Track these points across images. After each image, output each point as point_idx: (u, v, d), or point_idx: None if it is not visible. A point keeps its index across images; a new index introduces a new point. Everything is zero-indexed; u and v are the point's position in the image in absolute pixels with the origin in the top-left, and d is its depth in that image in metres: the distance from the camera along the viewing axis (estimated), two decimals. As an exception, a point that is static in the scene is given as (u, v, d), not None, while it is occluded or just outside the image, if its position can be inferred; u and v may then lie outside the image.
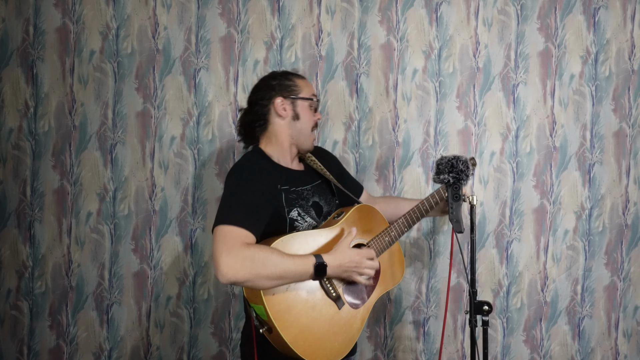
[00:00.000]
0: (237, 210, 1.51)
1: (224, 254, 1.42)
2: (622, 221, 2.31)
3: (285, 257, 1.48)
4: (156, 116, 2.30)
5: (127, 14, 2.30)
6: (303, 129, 1.73)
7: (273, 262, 1.45)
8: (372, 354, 2.31)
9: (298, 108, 1.72)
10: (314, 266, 1.51)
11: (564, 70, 2.30)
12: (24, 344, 2.31)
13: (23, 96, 2.31)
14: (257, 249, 1.45)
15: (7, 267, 2.31)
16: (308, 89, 1.75)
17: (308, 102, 1.73)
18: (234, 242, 1.44)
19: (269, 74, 1.79)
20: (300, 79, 1.76)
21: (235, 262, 1.41)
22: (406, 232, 1.82)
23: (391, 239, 1.78)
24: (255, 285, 1.45)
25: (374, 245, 1.73)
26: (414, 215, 1.82)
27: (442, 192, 1.83)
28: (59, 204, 2.31)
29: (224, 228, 1.47)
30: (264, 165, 1.65)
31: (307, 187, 1.73)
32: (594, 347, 2.31)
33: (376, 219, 1.79)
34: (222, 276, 1.41)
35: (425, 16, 2.30)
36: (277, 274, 1.45)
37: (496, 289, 2.31)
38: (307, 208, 1.68)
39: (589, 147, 2.31)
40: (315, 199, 1.73)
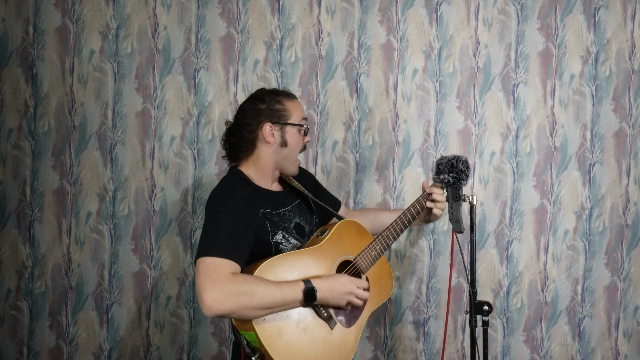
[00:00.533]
0: (219, 240, 1.46)
1: (207, 287, 1.37)
2: (622, 221, 2.31)
3: (272, 287, 1.43)
4: (156, 116, 2.30)
5: (127, 14, 2.30)
6: (289, 155, 1.68)
7: (260, 294, 1.40)
8: (372, 354, 2.31)
9: (287, 135, 1.66)
10: (302, 292, 1.47)
11: (564, 70, 2.30)
12: (23, 344, 2.31)
13: (23, 96, 2.30)
14: (243, 281, 1.40)
15: (6, 267, 2.31)
16: (298, 113, 1.68)
17: (297, 127, 1.67)
18: (217, 274, 1.39)
19: (257, 92, 1.71)
20: (290, 101, 1.68)
21: (220, 295, 1.36)
22: (391, 244, 1.78)
23: (377, 253, 1.73)
24: (242, 316, 1.41)
25: (361, 260, 1.69)
26: (398, 227, 1.77)
27: (422, 201, 1.79)
28: (58, 203, 2.30)
29: (206, 260, 1.42)
30: (244, 190, 1.60)
31: (288, 209, 1.69)
32: (594, 347, 2.31)
33: (360, 233, 1.75)
34: (207, 310, 1.36)
35: (425, 16, 2.30)
36: (265, 305, 1.41)
37: (496, 289, 2.31)
38: (290, 230, 1.64)
39: (589, 147, 2.31)
40: (297, 220, 1.69)
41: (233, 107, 2.30)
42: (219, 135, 2.30)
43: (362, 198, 2.30)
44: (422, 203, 1.80)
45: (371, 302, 1.71)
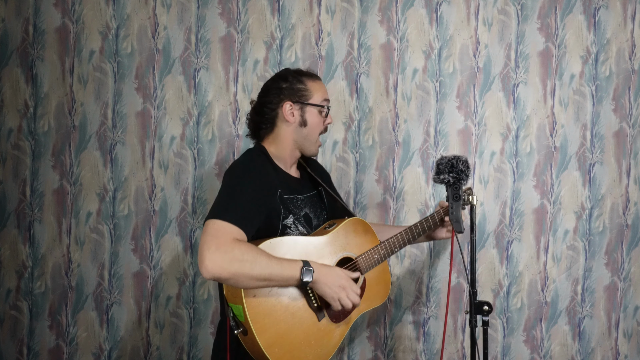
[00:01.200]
0: (234, 207, 1.46)
1: (212, 248, 1.36)
2: (622, 221, 2.31)
3: (273, 259, 1.44)
4: (156, 116, 2.30)
5: (127, 14, 2.29)
6: (309, 135, 1.68)
7: (261, 264, 1.40)
8: (372, 354, 2.31)
9: (307, 114, 1.66)
10: (300, 269, 1.47)
11: (564, 70, 2.30)
12: (23, 344, 2.31)
13: (23, 96, 2.30)
14: (247, 248, 1.41)
15: (6, 267, 2.31)
16: (320, 94, 1.68)
17: (318, 108, 1.67)
18: (224, 238, 1.39)
19: (281, 72, 1.72)
20: (312, 81, 1.69)
21: (223, 258, 1.36)
22: (396, 252, 1.77)
23: (380, 257, 1.72)
24: (238, 284, 1.41)
25: (362, 261, 1.68)
26: (407, 235, 1.78)
27: (436, 216, 1.81)
28: (58, 204, 2.30)
29: (216, 222, 1.42)
30: (266, 166, 1.61)
31: (302, 197, 1.69)
32: (594, 347, 2.31)
33: (367, 234, 1.74)
34: (206, 271, 1.35)
35: (425, 16, 2.30)
36: (264, 276, 1.41)
37: (496, 289, 2.31)
38: (300, 217, 1.65)
39: (589, 147, 2.31)
40: (306, 210, 1.69)
41: (233, 107, 2.30)
42: (219, 135, 2.30)
43: (362, 198, 2.30)
44: (436, 218, 1.82)
45: (363, 303, 1.69)
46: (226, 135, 2.30)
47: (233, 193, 1.51)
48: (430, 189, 2.30)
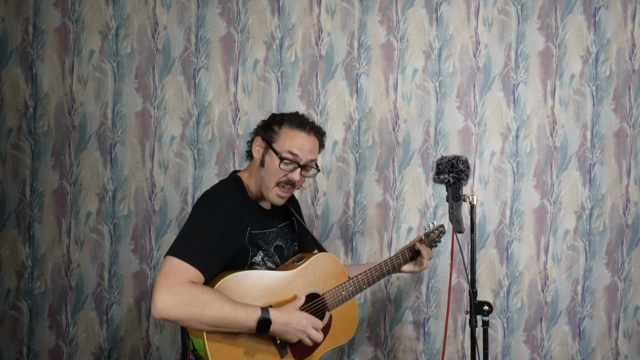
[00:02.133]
0: (194, 246, 1.42)
1: (163, 288, 1.34)
2: (622, 221, 2.31)
3: (226, 306, 1.40)
4: (156, 116, 2.30)
5: (127, 14, 2.29)
6: (265, 179, 1.61)
7: (213, 310, 1.37)
8: (372, 354, 2.31)
9: (267, 156, 1.60)
10: (256, 320, 1.43)
11: (564, 70, 2.30)
12: (23, 344, 2.31)
13: (22, 96, 2.30)
14: (200, 292, 1.37)
15: (6, 267, 2.31)
16: (288, 143, 1.58)
17: (276, 154, 1.58)
18: (177, 278, 1.36)
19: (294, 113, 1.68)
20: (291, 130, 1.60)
21: (173, 300, 1.34)
22: (365, 289, 1.76)
23: (348, 294, 1.70)
24: (190, 327, 1.40)
25: (329, 298, 1.66)
26: (376, 273, 1.77)
27: (407, 254, 1.86)
28: (58, 204, 2.30)
29: (173, 261, 1.39)
30: (237, 201, 1.57)
31: (274, 230, 1.66)
32: (594, 348, 2.31)
33: (336, 270, 1.71)
34: (156, 312, 1.34)
35: (425, 16, 2.30)
36: (215, 322, 1.39)
37: (496, 289, 2.31)
38: (270, 252, 1.62)
39: (590, 147, 2.30)
40: (279, 242, 1.67)
41: (233, 107, 2.30)
42: (219, 135, 2.30)
43: (362, 198, 2.30)
44: (407, 256, 1.86)
45: (329, 340, 1.67)
46: (226, 135, 2.30)
47: (196, 230, 1.47)
48: (430, 189, 2.30)
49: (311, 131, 1.63)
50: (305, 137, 1.61)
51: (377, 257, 2.31)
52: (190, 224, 1.50)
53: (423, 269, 1.88)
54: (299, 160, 1.59)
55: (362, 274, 1.75)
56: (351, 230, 2.30)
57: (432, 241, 1.94)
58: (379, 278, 1.79)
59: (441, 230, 1.98)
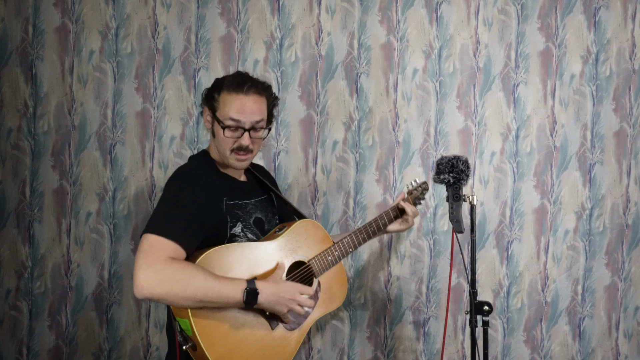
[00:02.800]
0: (172, 221, 1.38)
1: (143, 267, 1.29)
2: (622, 221, 2.31)
3: (210, 280, 1.35)
4: (156, 116, 2.30)
5: (127, 14, 2.29)
6: (219, 147, 1.57)
7: (196, 284, 1.32)
8: (372, 354, 2.30)
9: (215, 126, 1.56)
10: (243, 292, 1.38)
11: (564, 70, 2.30)
12: (23, 344, 2.31)
13: (22, 96, 2.30)
14: (181, 267, 1.32)
15: (6, 267, 2.31)
16: (227, 109, 1.52)
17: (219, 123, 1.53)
18: (157, 255, 1.31)
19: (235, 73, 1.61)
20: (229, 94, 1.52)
21: (154, 277, 1.29)
22: (351, 252, 1.73)
23: (334, 259, 1.67)
24: (174, 304, 1.35)
25: (315, 264, 1.62)
26: (361, 235, 1.74)
27: (391, 213, 1.83)
28: (58, 204, 2.30)
29: (150, 237, 1.34)
30: (210, 174, 1.53)
31: (251, 202, 1.62)
32: (594, 348, 2.31)
33: (320, 235, 1.68)
34: (137, 291, 1.29)
35: (426, 16, 2.29)
36: (199, 297, 1.33)
37: (496, 289, 2.31)
38: (249, 224, 1.57)
39: (590, 147, 2.30)
40: (258, 215, 1.62)
41: (233, 107, 2.29)
42: (218, 135, 2.30)
43: (362, 198, 2.30)
44: (391, 215, 1.83)
45: (320, 308, 1.64)
46: (226, 135, 2.30)
47: (172, 204, 1.42)
48: (430, 189, 2.30)
49: (250, 91, 1.53)
50: (243, 98, 1.52)
51: (378, 257, 2.31)
52: (164, 199, 1.45)
53: (409, 226, 1.86)
54: (242, 125, 1.52)
55: (347, 237, 1.72)
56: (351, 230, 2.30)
57: (415, 198, 1.92)
58: (364, 240, 1.76)
59: (424, 187, 1.95)
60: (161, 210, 1.42)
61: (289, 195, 2.29)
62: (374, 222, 1.80)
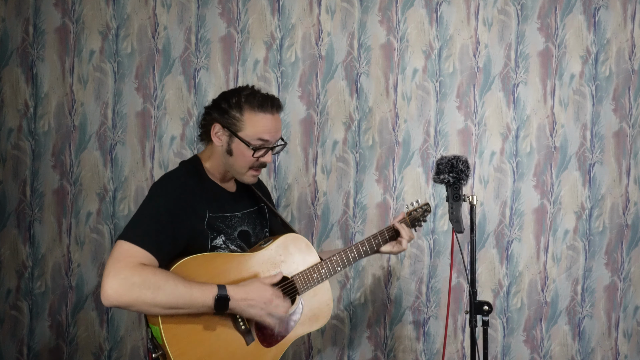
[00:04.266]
0: (144, 228, 1.36)
1: (111, 273, 1.27)
2: (622, 221, 2.31)
3: (180, 286, 1.31)
4: (156, 116, 2.30)
5: (127, 14, 2.29)
6: (235, 166, 1.53)
7: (165, 291, 1.29)
8: (372, 354, 2.31)
9: (233, 144, 1.50)
10: (214, 299, 1.34)
11: (564, 70, 2.30)
12: (23, 344, 2.31)
13: (23, 96, 2.30)
14: (150, 274, 1.29)
15: (7, 267, 2.31)
16: (255, 130, 1.48)
17: (245, 144, 1.49)
18: (126, 262, 1.29)
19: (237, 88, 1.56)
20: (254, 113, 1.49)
21: (121, 285, 1.26)
22: (339, 271, 1.65)
23: (320, 277, 1.59)
24: (142, 312, 1.32)
25: (299, 281, 1.56)
26: (351, 254, 1.67)
27: (386, 234, 1.75)
28: (58, 204, 2.30)
29: (123, 245, 1.32)
30: (195, 184, 1.49)
31: (237, 215, 1.57)
32: (594, 347, 2.31)
33: (307, 251, 1.61)
34: (104, 298, 1.26)
35: (425, 16, 2.30)
36: (169, 304, 1.30)
37: (496, 289, 2.31)
38: (233, 237, 1.53)
39: (589, 147, 2.31)
40: (244, 228, 1.58)
41: (233, 107, 2.30)
42: (219, 135, 2.30)
43: (362, 198, 2.30)
44: (386, 236, 1.75)
45: (302, 326, 1.57)
46: (226, 135, 2.30)
47: (146, 212, 1.41)
48: (430, 189, 2.30)
49: (273, 108, 1.52)
50: (270, 118, 1.51)
51: (378, 258, 2.31)
52: (142, 207, 1.43)
53: (402, 249, 1.76)
54: (269, 145, 1.52)
55: (337, 255, 1.65)
56: (351, 230, 2.31)
57: (415, 220, 1.82)
58: (354, 259, 1.68)
59: (425, 209, 1.85)
60: (137, 218, 1.40)
61: (289, 195, 2.29)
62: (367, 241, 1.72)
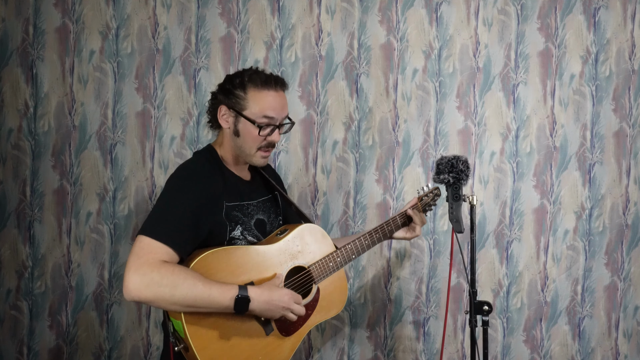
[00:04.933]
0: (165, 223, 1.37)
1: (132, 269, 1.29)
2: (622, 221, 2.31)
3: (199, 285, 1.33)
4: (156, 116, 2.30)
5: (127, 14, 2.29)
6: (244, 147, 1.54)
7: (184, 290, 1.31)
8: (372, 354, 2.31)
9: (240, 124, 1.51)
10: (234, 299, 1.36)
11: (564, 70, 2.30)
12: (23, 344, 2.31)
13: (23, 96, 2.30)
14: (170, 271, 1.31)
15: (6, 267, 2.31)
16: (260, 107, 1.50)
17: (251, 122, 1.50)
18: (147, 258, 1.31)
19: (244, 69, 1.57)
20: (258, 91, 1.50)
21: (142, 281, 1.29)
22: (354, 259, 1.69)
23: (336, 265, 1.63)
24: (162, 308, 1.35)
25: (315, 270, 1.59)
26: (365, 242, 1.70)
27: (398, 220, 1.79)
28: (58, 204, 2.30)
29: (144, 240, 1.34)
30: (212, 173, 1.50)
31: (253, 203, 1.59)
32: (594, 347, 2.31)
33: (323, 241, 1.64)
34: (126, 293, 1.29)
35: (425, 16, 2.30)
36: (187, 303, 1.32)
37: (496, 289, 2.31)
38: (250, 226, 1.54)
39: (589, 147, 2.31)
40: (260, 216, 1.59)
41: (233, 107, 2.30)
42: (219, 135, 2.30)
43: (362, 198, 2.30)
44: (398, 222, 1.78)
45: (318, 314, 1.61)
46: (226, 135, 2.30)
47: (167, 207, 1.41)
48: (430, 189, 2.30)
49: (277, 86, 1.53)
50: (274, 95, 1.52)
51: (378, 257, 2.31)
52: (161, 200, 1.42)
53: (415, 235, 1.80)
54: (275, 122, 1.53)
55: (351, 243, 1.68)
56: (351, 230, 2.31)
57: (426, 205, 1.85)
58: (369, 246, 1.72)
59: (436, 193, 1.89)
60: (157, 212, 1.40)
61: (289, 195, 2.29)
62: (380, 228, 1.75)
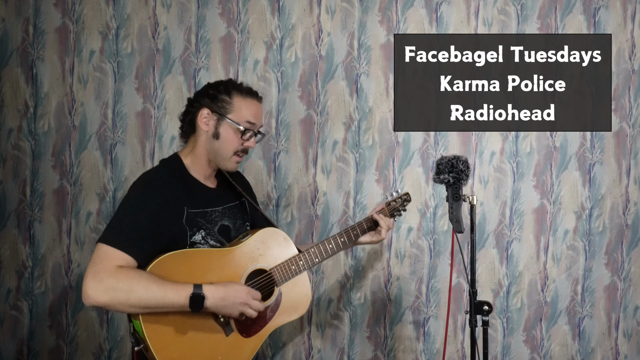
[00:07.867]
0: (122, 231, 1.42)
1: (90, 275, 1.36)
2: (622, 221, 2.31)
3: (154, 287, 1.38)
4: (156, 116, 2.30)
5: (127, 14, 2.30)
6: (220, 150, 1.59)
7: (139, 291, 1.36)
8: (372, 354, 2.31)
9: (221, 128, 1.58)
10: (188, 297, 1.40)
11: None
12: (23, 344, 2.31)
13: (23, 96, 2.30)
14: (125, 275, 1.37)
15: (7, 267, 2.31)
16: (244, 113, 1.58)
17: (234, 126, 1.58)
18: (103, 264, 1.37)
19: (222, 80, 1.67)
20: (243, 99, 1.60)
21: (98, 287, 1.35)
22: (317, 263, 1.69)
23: (298, 268, 1.64)
24: (122, 311, 1.39)
25: (277, 273, 1.61)
26: (329, 246, 1.71)
27: (364, 224, 1.79)
28: (58, 203, 2.30)
29: (102, 247, 1.40)
30: (174, 182, 1.54)
31: (218, 209, 1.62)
32: (594, 347, 2.31)
33: (285, 245, 1.66)
34: (84, 298, 1.36)
35: (425, 16, 2.30)
36: (143, 304, 1.38)
37: (496, 289, 2.31)
38: (213, 232, 1.57)
39: (589, 147, 2.31)
40: (225, 222, 1.62)
41: (233, 107, 2.30)
42: (219, 135, 2.30)
43: (362, 198, 2.30)
44: (364, 227, 1.79)
45: (281, 316, 1.62)
46: (226, 135, 2.30)
47: (125, 215, 1.46)
48: (430, 189, 2.30)
49: (257, 97, 1.65)
50: (257, 104, 1.64)
51: (378, 258, 2.31)
52: (120, 208, 1.48)
53: (381, 239, 1.80)
54: (254, 128, 1.62)
55: (315, 247, 1.69)
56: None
57: (394, 210, 1.86)
58: (333, 250, 1.72)
59: (405, 199, 1.90)
60: (115, 220, 1.46)
61: (289, 195, 2.29)
62: (345, 232, 1.76)
